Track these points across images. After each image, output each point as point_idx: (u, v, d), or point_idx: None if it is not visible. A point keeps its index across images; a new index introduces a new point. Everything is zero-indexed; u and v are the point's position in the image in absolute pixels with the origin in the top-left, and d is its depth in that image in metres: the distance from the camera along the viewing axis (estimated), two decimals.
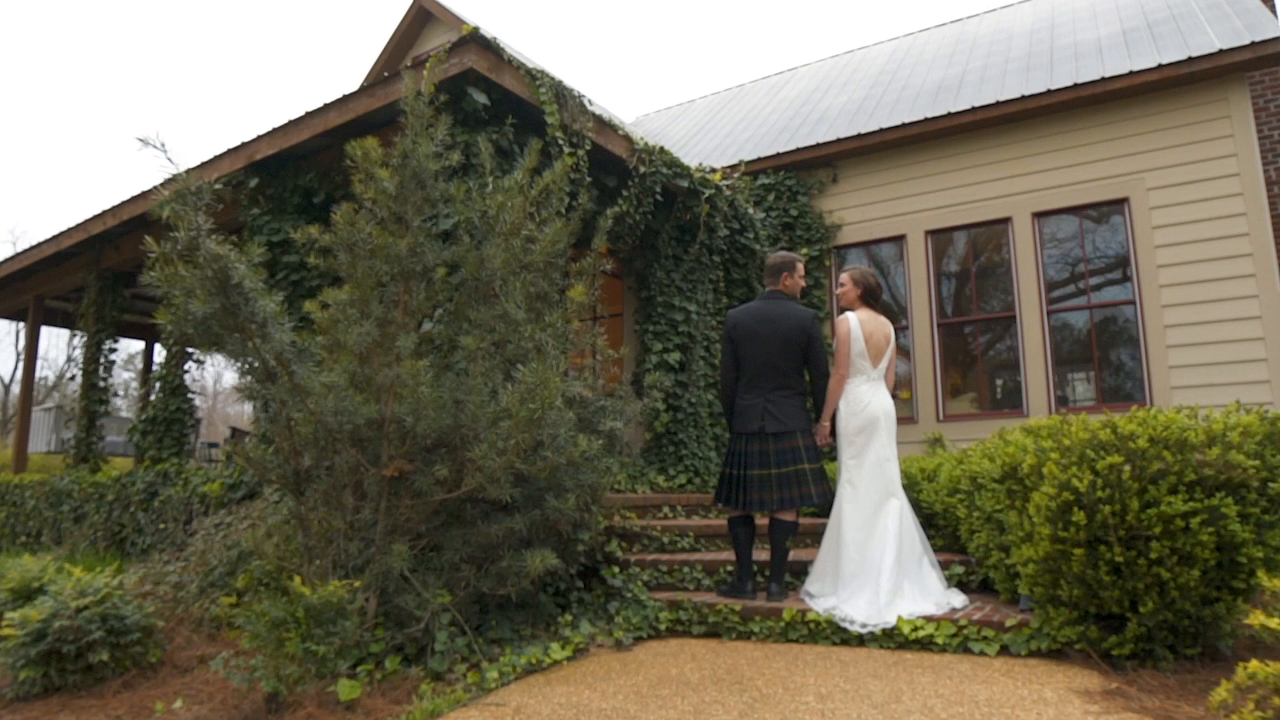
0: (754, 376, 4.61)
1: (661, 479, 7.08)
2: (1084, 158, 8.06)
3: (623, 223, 7.11)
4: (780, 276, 4.74)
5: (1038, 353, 8.00)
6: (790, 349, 4.55)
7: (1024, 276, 8.16)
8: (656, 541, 5.44)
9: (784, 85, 12.89)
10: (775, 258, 4.79)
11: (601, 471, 4.37)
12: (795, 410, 4.54)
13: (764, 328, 4.59)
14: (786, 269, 4.73)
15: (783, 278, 4.73)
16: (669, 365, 7.39)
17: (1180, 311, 7.47)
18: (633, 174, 7.02)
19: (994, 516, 4.16)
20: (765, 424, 4.51)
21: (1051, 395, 7.90)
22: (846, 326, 4.58)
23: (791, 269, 4.74)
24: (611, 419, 4.74)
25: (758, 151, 9.81)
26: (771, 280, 4.78)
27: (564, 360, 3.88)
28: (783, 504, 4.42)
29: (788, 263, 4.74)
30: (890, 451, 4.52)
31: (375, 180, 4.06)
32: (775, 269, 4.76)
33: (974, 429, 8.13)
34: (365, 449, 3.89)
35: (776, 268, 4.75)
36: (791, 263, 4.75)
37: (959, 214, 8.58)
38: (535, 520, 4.15)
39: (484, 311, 4.01)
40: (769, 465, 4.49)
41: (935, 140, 8.80)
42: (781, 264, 4.74)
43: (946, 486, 5.07)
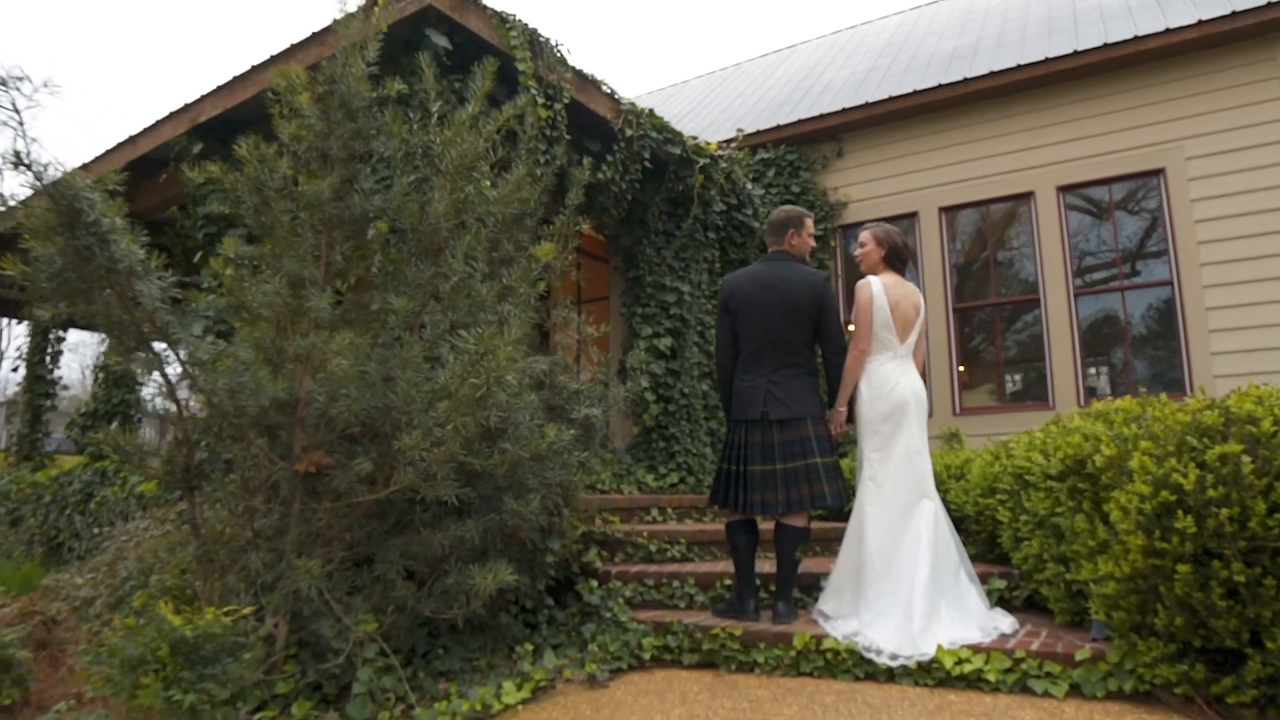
0: (755, 353, 3.87)
1: (650, 478, 6.33)
2: (1114, 126, 7.34)
3: (607, 192, 6.37)
4: (785, 234, 3.99)
5: (1064, 339, 7.27)
6: (798, 319, 3.81)
7: (1048, 256, 7.44)
8: (642, 550, 4.69)
9: (783, 62, 12.16)
10: (780, 212, 4.04)
11: (573, 468, 3.62)
12: (805, 393, 3.79)
13: (767, 294, 3.85)
14: (793, 225, 3.99)
15: (788, 235, 3.99)
16: (659, 351, 6.65)
17: (1223, 292, 6.75)
18: (618, 137, 6.28)
19: (1049, 521, 3.42)
20: (769, 410, 3.77)
21: (1080, 386, 7.18)
22: (868, 292, 3.84)
23: (799, 225, 4.00)
24: (587, 405, 4.00)
25: (756, 125, 9.07)
26: (775, 239, 4.04)
27: (524, 328, 3.14)
28: (790, 505, 3.68)
29: (794, 217, 4.00)
30: (922, 442, 3.78)
31: (297, 113, 3.32)
32: (779, 225, 4.01)
33: (993, 423, 7.40)
34: (277, 438, 3.14)
35: (781, 224, 4.01)
36: (799, 218, 4.01)
37: (976, 189, 7.86)
38: (491, 526, 3.40)
39: (424, 269, 3.26)
40: (773, 459, 3.74)
41: (949, 110, 8.07)
42: (787, 219, 4.00)
43: (980, 485, 4.33)
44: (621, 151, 6.30)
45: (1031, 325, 7.58)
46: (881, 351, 3.84)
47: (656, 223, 6.88)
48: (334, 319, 3.31)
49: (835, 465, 3.75)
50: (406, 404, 2.90)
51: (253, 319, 3.06)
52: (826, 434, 3.81)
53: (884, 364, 3.82)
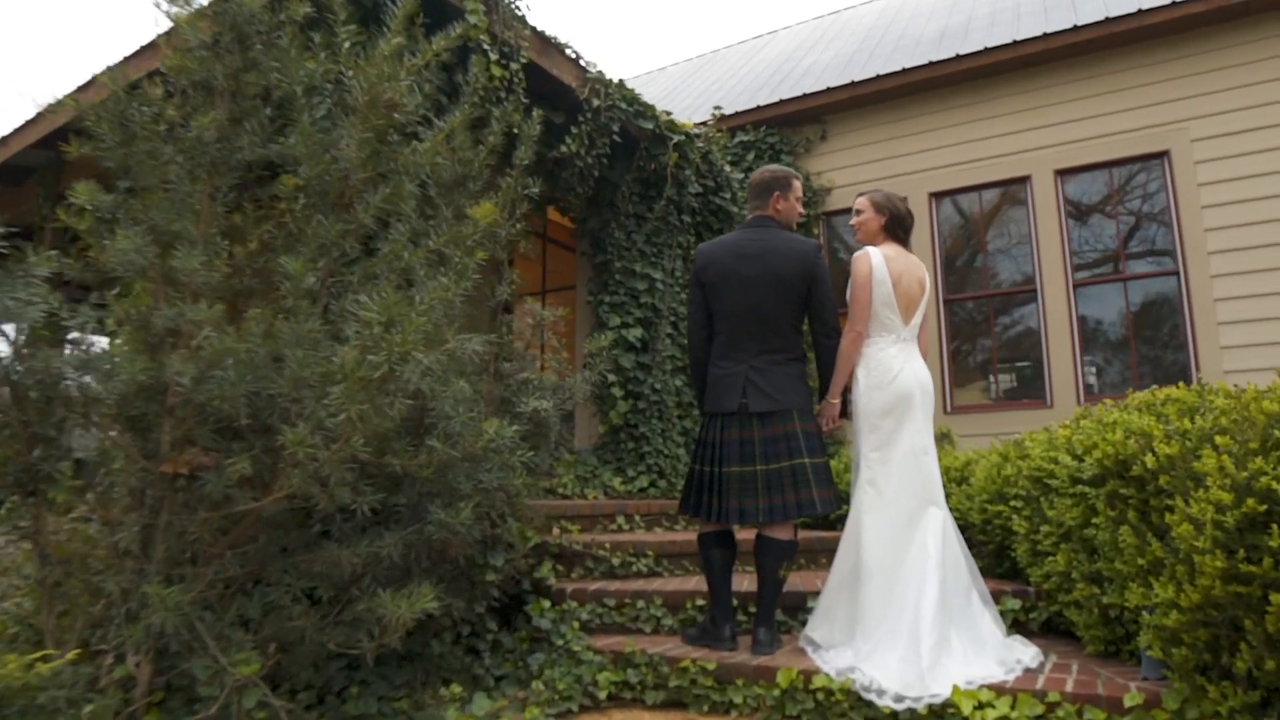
0: (733, 334, 3.31)
1: (618, 481, 5.76)
2: (1116, 106, 6.87)
3: (571, 168, 5.80)
4: (769, 197, 3.43)
5: (1063, 333, 6.79)
6: (785, 294, 3.26)
7: (1045, 244, 6.95)
8: (604, 564, 4.12)
9: (763, 47, 11.65)
10: (763, 172, 3.49)
11: (517, 470, 3.05)
12: (791, 382, 3.24)
13: (747, 266, 3.30)
14: (778, 187, 3.44)
15: (773, 199, 3.43)
16: (629, 343, 6.08)
17: (1233, 282, 6.30)
18: (584, 108, 5.71)
19: (1078, 533, 2.89)
20: (749, 401, 3.21)
21: (1080, 383, 6.69)
22: (867, 264, 3.29)
23: (785, 187, 3.44)
24: (537, 398, 3.42)
25: (735, 107, 8.54)
26: (757, 203, 3.48)
27: (443, 295, 2.56)
28: (773, 514, 3.13)
29: (780, 178, 3.45)
30: (929, 440, 3.25)
31: (179, 36, 2.72)
32: (763, 187, 3.46)
33: (987, 422, 6.90)
34: (145, 432, 2.54)
35: (764, 185, 3.46)
36: (785, 179, 3.45)
37: (968, 173, 7.37)
38: (415, 541, 2.82)
39: (329, 225, 2.67)
40: (753, 459, 3.19)
41: (940, 90, 7.58)
42: (772, 180, 3.45)
43: (988, 490, 3.81)
44: (588, 123, 5.73)
45: (1027, 318, 7.10)
46: (882, 334, 3.30)
47: (627, 204, 6.31)
48: (227, 288, 2.72)
49: (826, 467, 3.20)
50: (296, 389, 2.31)
51: (112, 284, 2.47)
52: (816, 430, 3.26)
53: (885, 349, 3.28)
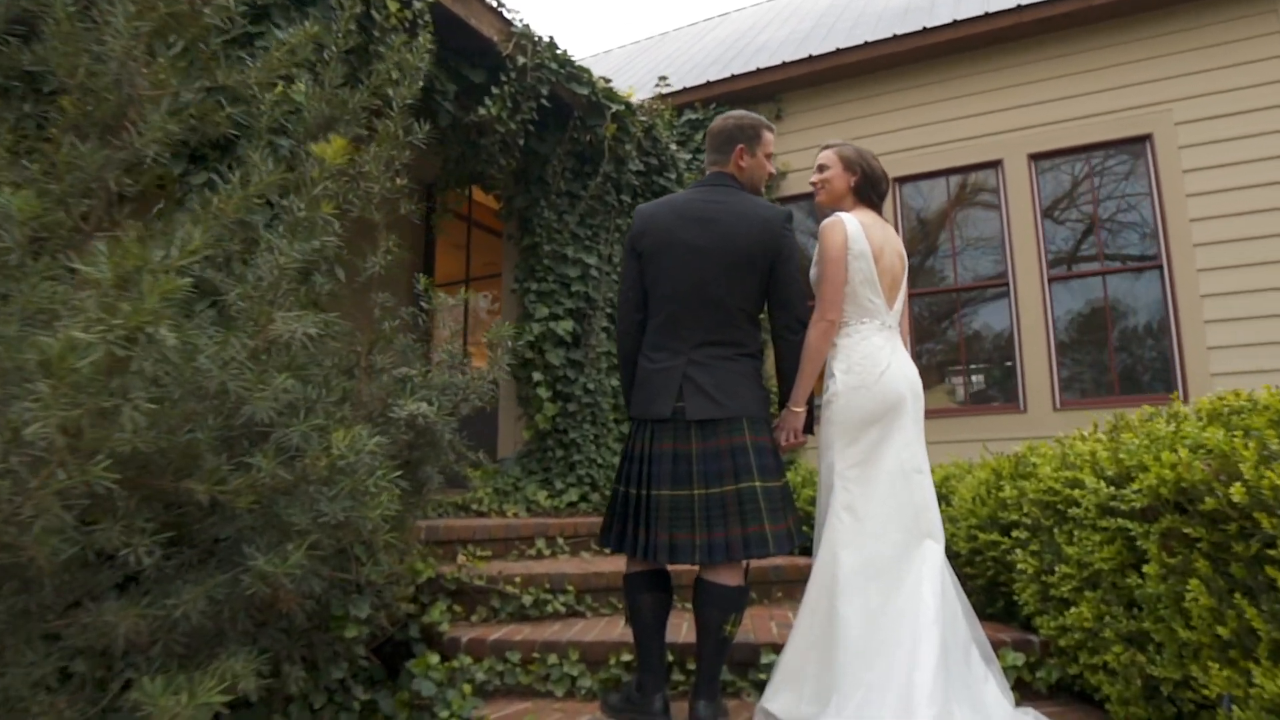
0: (672, 319, 2.59)
1: (543, 495, 5.01)
2: (1094, 85, 6.32)
3: (492, 134, 5.04)
4: (732, 151, 2.69)
5: (1037, 331, 6.21)
6: (740, 272, 2.53)
7: (1018, 234, 6.38)
8: (513, 603, 3.37)
9: (714, 28, 10.99)
10: (726, 119, 2.74)
11: (374, 497, 2.28)
12: (741, 382, 2.52)
13: (696, 232, 2.57)
14: (743, 138, 2.69)
15: (736, 154, 2.69)
16: (558, 337, 5.34)
17: (1221, 277, 5.77)
18: (507, 66, 4.96)
19: (1110, 579, 2.22)
20: (686, 404, 2.49)
21: (1056, 386, 6.12)
22: (840, 233, 2.59)
23: (752, 139, 2.70)
24: (414, 400, 2.65)
25: (684, 83, 7.84)
26: (716, 156, 2.74)
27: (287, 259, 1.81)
28: (712, 554, 2.40)
29: (745, 128, 2.71)
30: (922, 456, 2.56)
31: None
32: (724, 138, 2.72)
33: (954, 428, 6.30)
34: None
35: (726, 136, 2.71)
36: (753, 129, 2.72)
37: (935, 157, 6.76)
38: (230, 595, 2.05)
39: (89, 153, 1.88)
40: (689, 481, 2.46)
41: (905, 67, 6.96)
42: (735, 130, 2.71)
43: (977, 514, 3.14)
44: (511, 84, 4.97)
45: (999, 315, 6.51)
46: (863, 320, 2.61)
47: (558, 181, 5.56)
48: None
49: (784, 493, 2.49)
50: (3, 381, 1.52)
51: None
52: (772, 445, 2.53)
53: (868, 338, 2.58)
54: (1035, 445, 3.05)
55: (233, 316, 2.18)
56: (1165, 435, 2.04)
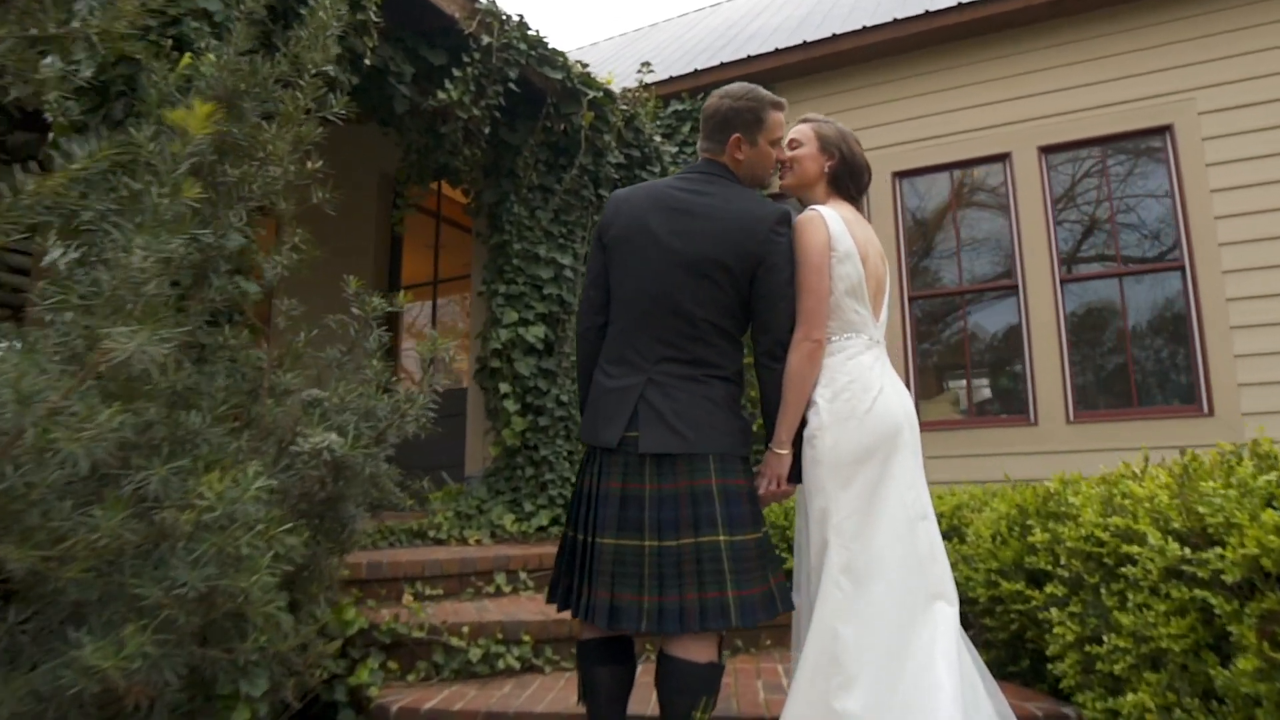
0: (633, 326, 2.12)
1: (510, 519, 4.54)
2: (1110, 73, 5.87)
3: (454, 122, 4.57)
4: (727, 139, 2.19)
5: (1048, 337, 5.76)
6: (716, 280, 2.06)
7: (1028, 232, 5.92)
8: (459, 657, 2.90)
9: (707, 17, 10.54)
10: (723, 97, 2.23)
11: (250, 562, 1.80)
12: (711, 410, 2.03)
13: (669, 226, 2.10)
14: (740, 126, 2.18)
15: (731, 144, 2.19)
16: (528, 345, 4.87)
17: (1249, 279, 5.33)
18: (471, 46, 4.49)
19: (1181, 660, 1.76)
20: (640, 433, 2.01)
21: (1070, 396, 5.66)
22: (821, 230, 2.11)
23: (752, 127, 2.19)
24: (323, 429, 2.18)
25: (672, 72, 7.38)
26: (710, 144, 2.23)
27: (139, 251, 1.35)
28: (663, 622, 1.90)
29: (744, 112, 2.18)
30: (926, 498, 2.10)
31: None
32: (719, 121, 2.21)
33: (958, 441, 5.85)
34: None
35: (721, 120, 2.21)
36: (755, 112, 2.19)
37: (938, 150, 6.31)
38: (53, 689, 1.59)
39: None
40: (639, 529, 1.98)
41: (908, 54, 6.51)
42: (731, 114, 2.19)
43: (1000, 557, 2.68)
44: (475, 66, 4.50)
45: (1007, 319, 6.06)
46: (849, 336, 2.15)
47: (529, 174, 5.09)
48: None
49: (760, 549, 2.01)
50: None
51: None
52: (748, 490, 2.05)
53: (855, 358, 2.12)
54: (1069, 478, 2.60)
55: (63, 334, 1.72)
56: (1262, 486, 1.59)
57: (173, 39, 3.05)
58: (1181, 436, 5.28)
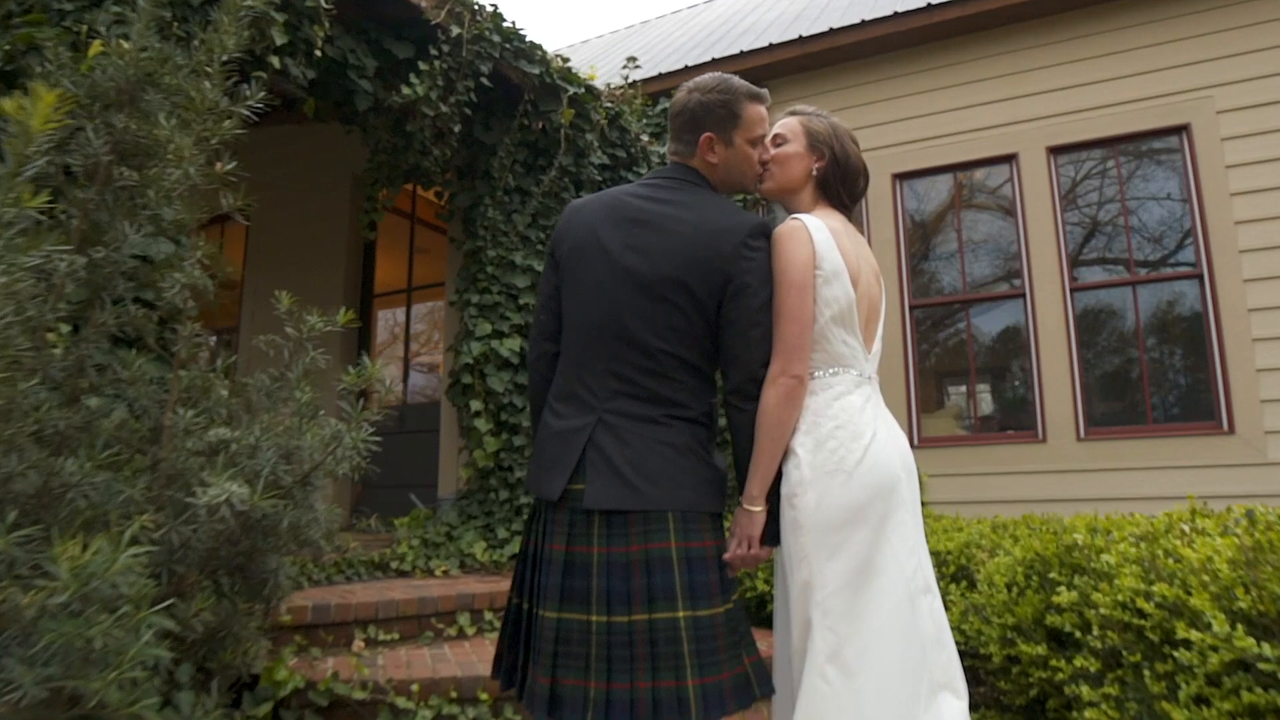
0: (582, 358, 1.80)
1: (480, 547, 4.21)
2: (1123, 69, 5.55)
3: (420, 120, 4.25)
4: (697, 140, 1.87)
5: (1058, 349, 5.44)
6: (674, 302, 1.73)
7: (1036, 238, 5.60)
8: None
9: (701, 13, 10.21)
10: (692, 91, 1.89)
11: (112, 656, 1.47)
12: (673, 459, 1.70)
13: (622, 239, 1.78)
14: (712, 123, 1.85)
15: (702, 144, 1.87)
16: (502, 359, 4.54)
17: (1272, 289, 5.01)
18: (439, 37, 4.17)
19: None
20: (588, 485, 1.69)
21: (1080, 411, 5.34)
22: (804, 246, 1.76)
23: (727, 123, 1.85)
24: (226, 477, 1.85)
25: (661, 69, 7.06)
26: (678, 147, 1.92)
27: None
28: (614, 712, 1.57)
29: (715, 107, 1.85)
30: (929, 566, 1.78)
31: None
32: (685, 120, 1.89)
33: (962, 459, 5.53)
34: None
35: (689, 118, 1.87)
36: (728, 105, 1.85)
37: (941, 151, 5.99)
38: None
39: None
40: (586, 600, 1.65)
41: (908, 50, 6.19)
42: (700, 111, 1.86)
43: (1013, 614, 2.35)
44: (444, 60, 4.18)
45: (1014, 329, 5.74)
46: (835, 372, 1.80)
47: (505, 175, 4.77)
48: None
49: (733, 623, 1.67)
50: None
51: None
52: (716, 554, 1.71)
53: (843, 398, 1.77)
54: (1096, 525, 2.27)
55: None
56: None
57: (88, 27, 2.74)
58: (1200, 456, 4.97)
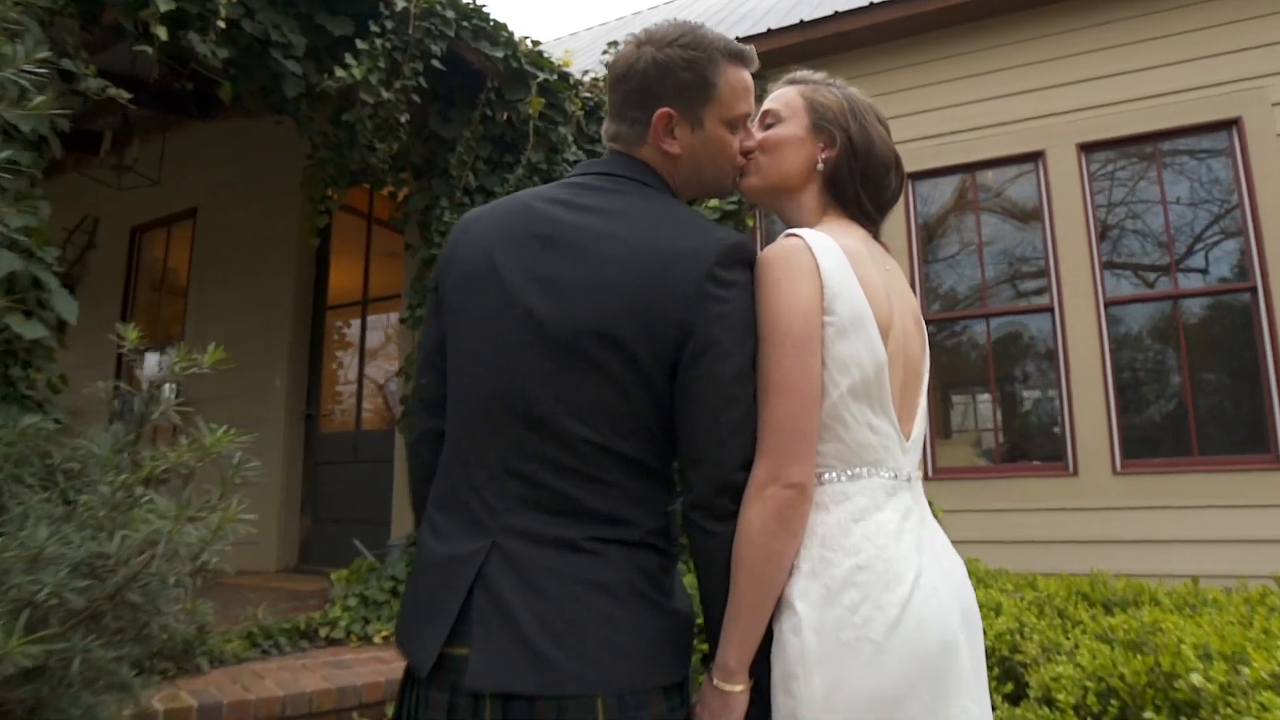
0: (469, 447, 1.17)
1: None
2: (1164, 57, 4.95)
3: (359, 107, 3.65)
4: (648, 112, 1.22)
5: (1090, 370, 4.84)
6: (613, 366, 1.10)
7: (1066, 245, 5.00)
8: None
9: (696, 1, 9.62)
10: (640, 45, 1.24)
11: None
12: (604, 608, 1.06)
13: (529, 270, 1.15)
14: (673, 89, 1.20)
15: (657, 122, 1.21)
16: None
17: None
18: (381, 12, 3.59)
19: None
20: (474, 650, 1.05)
21: (1116, 442, 4.73)
22: (804, 280, 1.12)
23: (694, 92, 1.21)
24: None
25: None
26: (622, 125, 1.25)
27: None
28: None
29: (677, 68, 1.20)
30: None
31: None
32: (637, 84, 1.22)
33: (982, 493, 4.93)
34: None
35: (638, 84, 1.22)
36: (699, 65, 1.20)
37: (958, 148, 5.39)
38: None
39: None
40: None
41: (922, 36, 5.59)
42: (654, 73, 1.20)
43: None
44: (387, 38, 3.59)
45: (1040, 348, 5.14)
46: (858, 474, 1.14)
47: (466, 173, 4.17)
48: None
49: None
50: None
51: None
52: None
53: (869, 517, 1.11)
54: (1200, 643, 1.68)
55: None
56: None
57: None
58: (1251, 493, 4.38)
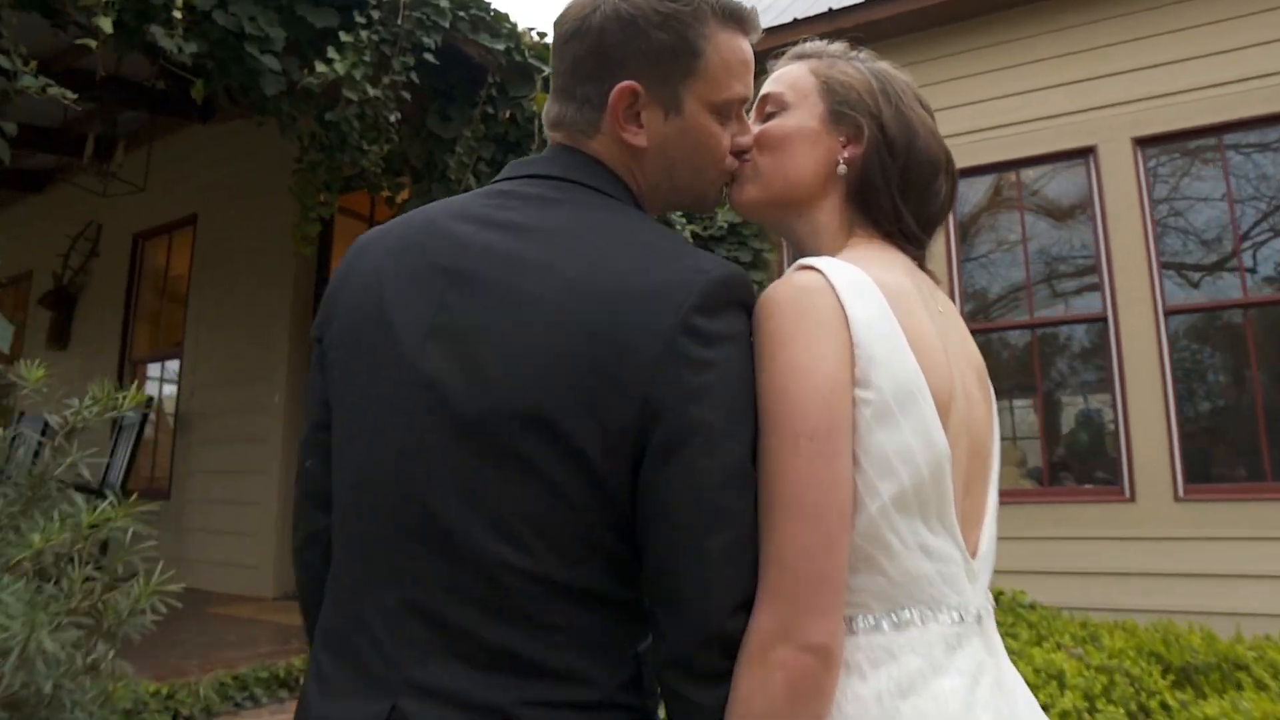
0: (359, 567, 0.80)
1: None
2: (1227, 42, 4.52)
3: (343, 106, 3.34)
4: (603, 88, 0.85)
5: (1149, 386, 4.41)
6: (546, 463, 0.72)
7: (1120, 250, 4.58)
8: None
9: None
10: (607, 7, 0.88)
11: None
12: None
13: (430, 319, 0.79)
14: (640, 57, 0.84)
15: (615, 101, 0.85)
16: None
17: None
18: (368, 3, 3.28)
19: None
20: None
21: (1178, 464, 4.31)
22: (827, 336, 0.74)
23: (669, 59, 0.84)
24: None
25: None
26: (571, 107, 0.88)
27: None
28: None
29: (662, 22, 0.83)
30: None
31: None
32: (590, 49, 0.85)
33: (1031, 519, 4.53)
34: None
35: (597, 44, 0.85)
36: (678, 25, 0.84)
37: (1001, 144, 4.98)
38: None
39: None
40: None
41: (961, 24, 5.19)
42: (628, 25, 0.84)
43: None
44: (375, 30, 3.28)
45: (1093, 360, 4.73)
46: (905, 620, 0.75)
47: (465, 176, 3.85)
48: None
49: None
50: None
51: None
52: None
53: (926, 687, 0.72)
54: None
55: None
56: None
57: None
58: None
